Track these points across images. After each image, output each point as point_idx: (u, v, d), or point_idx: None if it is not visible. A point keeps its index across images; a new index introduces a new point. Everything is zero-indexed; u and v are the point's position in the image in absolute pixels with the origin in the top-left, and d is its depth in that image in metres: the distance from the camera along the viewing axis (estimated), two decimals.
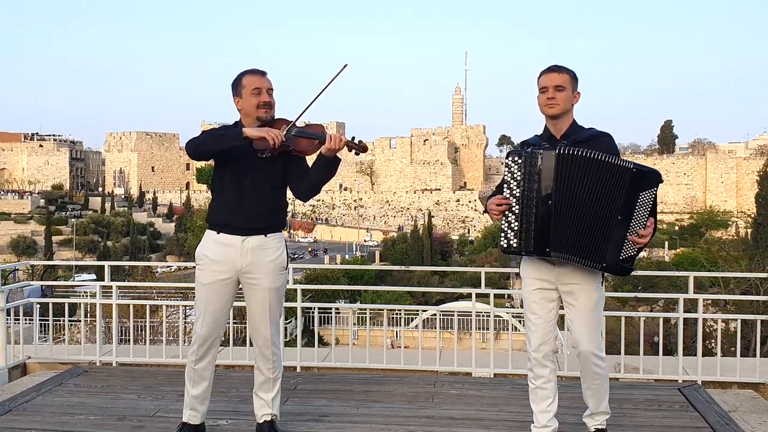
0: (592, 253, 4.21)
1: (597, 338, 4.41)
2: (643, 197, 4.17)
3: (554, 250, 4.24)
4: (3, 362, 6.84)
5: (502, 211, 4.31)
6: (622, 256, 4.23)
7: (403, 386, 6.10)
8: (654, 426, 5.10)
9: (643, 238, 4.21)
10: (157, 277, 45.44)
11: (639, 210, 4.17)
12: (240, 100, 4.49)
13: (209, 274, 4.51)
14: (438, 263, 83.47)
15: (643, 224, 4.21)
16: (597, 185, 4.15)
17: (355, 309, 11.81)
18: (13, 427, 4.99)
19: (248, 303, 4.58)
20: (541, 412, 4.49)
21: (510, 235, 4.32)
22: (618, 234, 4.19)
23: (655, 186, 4.19)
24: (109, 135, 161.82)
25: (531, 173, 4.24)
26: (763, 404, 6.13)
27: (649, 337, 17.13)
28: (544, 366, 4.44)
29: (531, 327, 4.46)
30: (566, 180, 4.18)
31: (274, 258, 4.53)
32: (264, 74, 4.50)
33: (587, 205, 4.17)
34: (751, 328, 14.77)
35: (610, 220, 4.17)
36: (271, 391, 4.65)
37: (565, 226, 4.20)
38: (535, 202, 4.23)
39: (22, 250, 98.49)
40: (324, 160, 4.42)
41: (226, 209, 4.47)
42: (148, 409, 5.41)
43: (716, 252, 52.71)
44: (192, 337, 4.64)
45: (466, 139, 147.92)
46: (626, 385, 6.32)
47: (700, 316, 6.87)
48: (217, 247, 4.50)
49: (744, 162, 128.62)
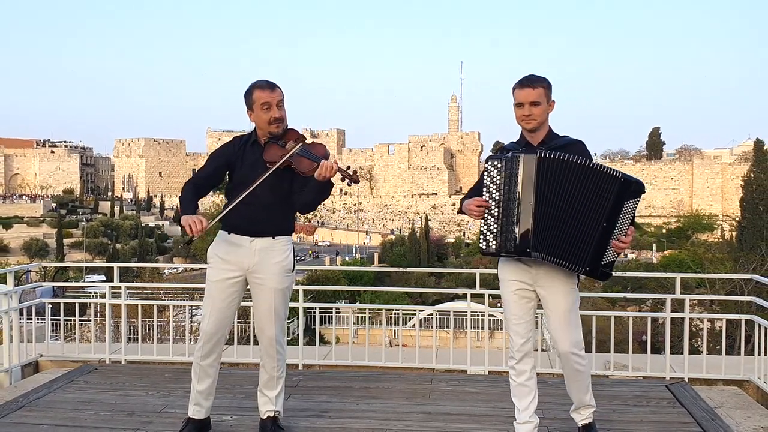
0: (575, 256, 4.17)
1: (575, 337, 4.37)
2: (627, 206, 4.13)
3: (535, 251, 4.19)
4: (16, 360, 6.83)
5: (481, 212, 4.26)
6: (604, 261, 4.19)
7: (401, 383, 6.10)
8: (642, 421, 5.10)
9: (623, 245, 4.17)
10: (164, 278, 45.36)
11: (623, 218, 4.14)
12: (252, 113, 4.50)
13: (218, 272, 4.53)
14: (434, 265, 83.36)
15: (624, 231, 4.17)
16: (584, 190, 4.10)
17: (355, 309, 11.82)
18: (26, 422, 4.99)
19: (255, 303, 4.58)
20: (524, 408, 4.48)
21: (489, 237, 4.28)
22: (602, 239, 4.14)
23: (639, 196, 4.16)
24: (118, 141, 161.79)
25: (512, 176, 4.18)
26: (747, 400, 6.14)
27: (638, 336, 17.14)
28: (525, 363, 4.43)
29: (511, 327, 4.45)
30: (549, 183, 4.13)
31: (281, 260, 4.53)
32: (273, 87, 4.45)
33: (572, 208, 4.12)
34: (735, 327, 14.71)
35: (595, 226, 4.12)
36: (275, 388, 4.65)
37: (547, 228, 4.16)
38: (517, 204, 4.19)
39: (35, 252, 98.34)
40: (317, 183, 4.40)
41: (237, 211, 4.48)
42: (155, 405, 5.41)
43: (702, 254, 52.87)
44: (199, 333, 4.64)
45: (461, 145, 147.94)
46: (615, 383, 6.32)
47: (687, 315, 6.88)
48: (227, 247, 4.52)
49: (729, 167, 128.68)
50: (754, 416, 5.68)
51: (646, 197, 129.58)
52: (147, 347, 7.75)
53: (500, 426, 4.94)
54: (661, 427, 4.99)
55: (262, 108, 4.41)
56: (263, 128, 4.48)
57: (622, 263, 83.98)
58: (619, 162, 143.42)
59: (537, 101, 4.24)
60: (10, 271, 7.18)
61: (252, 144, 4.54)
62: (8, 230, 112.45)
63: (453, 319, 8.09)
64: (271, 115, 4.42)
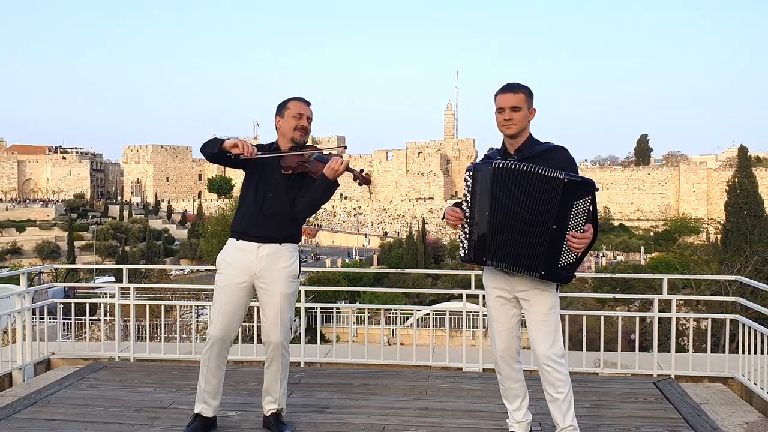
0: (528, 262, 4.07)
1: (554, 343, 4.21)
2: (577, 206, 3.98)
3: (490, 259, 4.17)
4: (29, 358, 6.82)
5: (456, 221, 4.25)
6: (560, 264, 4.07)
7: (399, 380, 6.10)
8: (631, 417, 5.10)
9: (577, 244, 4.00)
10: (172, 279, 45.33)
11: (574, 218, 4.00)
12: (281, 120, 4.56)
13: (226, 278, 4.52)
14: (431, 266, 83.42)
15: (579, 230, 4.01)
16: (531, 196, 4.02)
17: (355, 309, 11.81)
18: (39, 417, 4.99)
19: (262, 308, 4.57)
20: (515, 409, 4.45)
21: (465, 245, 4.27)
22: (554, 242, 4.03)
23: (590, 194, 3.99)
24: (127, 148, 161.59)
25: (475, 186, 4.19)
26: (731, 397, 6.14)
27: (627, 334, 17.11)
28: (510, 368, 4.38)
29: (494, 333, 4.39)
30: (502, 192, 4.08)
31: (287, 265, 4.53)
32: (309, 104, 4.61)
33: (522, 215, 4.05)
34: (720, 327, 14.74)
35: (545, 229, 4.01)
36: (279, 389, 4.65)
37: (500, 236, 4.10)
38: (477, 214, 4.18)
39: (47, 254, 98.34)
40: (324, 180, 4.43)
41: (246, 218, 4.50)
42: (163, 401, 5.41)
43: (688, 256, 52.87)
44: (206, 337, 4.63)
45: (457, 151, 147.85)
46: (605, 380, 6.32)
47: (674, 315, 6.88)
48: (235, 253, 4.52)
49: (714, 173, 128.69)
50: (738, 412, 5.68)
51: (635, 201, 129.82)
52: (155, 345, 7.75)
53: (494, 421, 4.93)
54: (648, 422, 4.99)
55: (294, 116, 4.53)
56: (288, 134, 4.54)
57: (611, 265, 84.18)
58: (609, 167, 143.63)
59: (517, 106, 4.15)
60: (23, 272, 7.16)
61: (273, 150, 4.58)
62: (21, 233, 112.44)
63: (449, 318, 8.10)
64: (299, 123, 4.52)
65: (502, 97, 4.20)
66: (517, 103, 4.15)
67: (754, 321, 6.22)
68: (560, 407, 4.24)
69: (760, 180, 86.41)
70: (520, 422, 4.45)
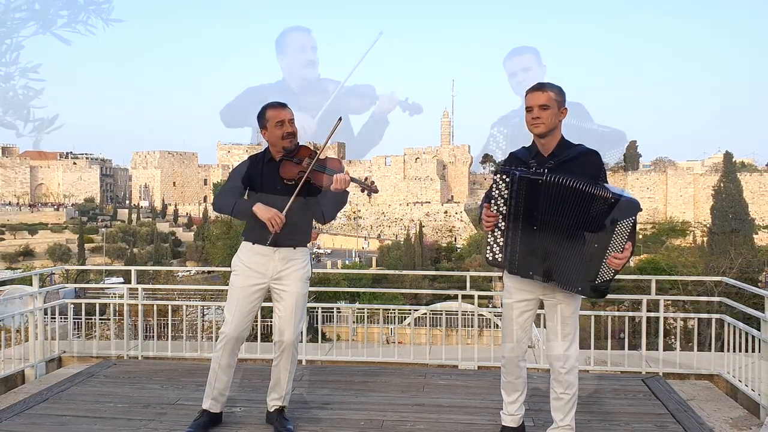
0: (567, 279, 3.97)
1: (572, 345, 4.17)
2: (621, 225, 3.84)
3: (537, 275, 4.04)
4: (41, 356, 6.82)
5: (491, 225, 4.09)
6: (598, 280, 3.95)
7: (397, 377, 6.10)
8: (620, 413, 5.10)
9: (618, 261, 3.89)
10: (178, 280, 45.18)
11: (616, 237, 3.86)
12: (266, 131, 4.50)
13: (243, 279, 4.50)
14: (428, 268, 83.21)
15: (620, 249, 3.88)
16: (578, 213, 3.87)
17: (355, 309, 11.80)
18: (50, 413, 4.99)
19: (276, 309, 4.55)
20: (511, 402, 4.42)
21: (496, 250, 4.12)
22: (594, 260, 3.91)
23: (633, 215, 3.85)
24: (135, 154, 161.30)
25: (518, 196, 3.97)
26: (717, 393, 6.15)
27: (616, 333, 17.11)
28: (517, 366, 4.34)
29: (506, 332, 4.30)
30: (550, 207, 3.91)
31: (301, 268, 4.54)
32: (284, 106, 4.48)
33: (568, 232, 3.91)
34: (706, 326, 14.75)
35: (587, 247, 3.90)
36: (285, 387, 4.64)
37: (547, 252, 3.97)
38: (521, 226, 4.00)
39: (58, 256, 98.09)
40: (334, 195, 4.43)
41: (259, 225, 4.42)
42: (170, 397, 5.40)
43: (676, 258, 52.87)
44: (220, 335, 4.62)
45: (453, 157, 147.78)
46: (595, 377, 6.32)
47: (662, 315, 6.89)
48: (252, 257, 4.50)
49: (700, 178, 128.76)
50: (723, 408, 5.69)
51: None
52: (162, 344, 7.74)
53: (489, 417, 4.93)
54: (637, 418, 4.99)
55: (277, 125, 4.42)
56: (277, 144, 4.47)
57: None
58: None
59: (546, 104, 3.98)
60: (35, 273, 7.17)
61: (268, 162, 4.52)
62: (34, 236, 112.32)
63: (445, 318, 8.10)
64: (284, 131, 4.43)
65: (531, 96, 4.03)
66: (546, 101, 3.99)
67: (738, 320, 6.23)
68: (563, 407, 4.24)
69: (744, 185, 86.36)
70: (512, 415, 4.43)
